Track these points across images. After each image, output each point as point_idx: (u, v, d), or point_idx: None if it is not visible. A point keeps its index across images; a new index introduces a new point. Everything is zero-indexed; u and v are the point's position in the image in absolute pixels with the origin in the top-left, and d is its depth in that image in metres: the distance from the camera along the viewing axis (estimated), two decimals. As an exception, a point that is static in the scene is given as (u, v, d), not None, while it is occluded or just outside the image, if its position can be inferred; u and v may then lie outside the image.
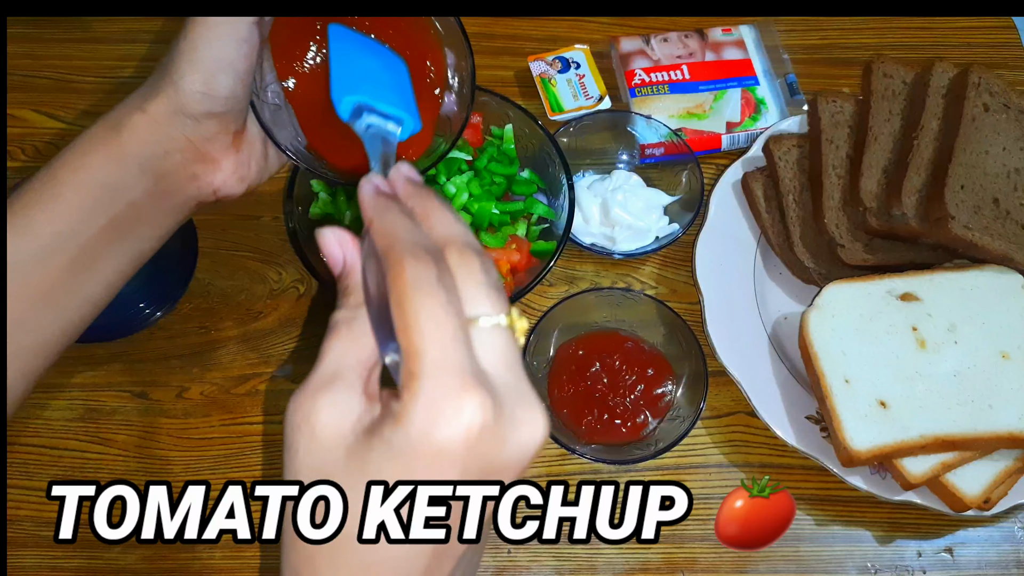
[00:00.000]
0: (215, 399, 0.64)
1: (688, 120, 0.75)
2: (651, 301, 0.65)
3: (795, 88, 0.75)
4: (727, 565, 0.60)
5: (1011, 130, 0.67)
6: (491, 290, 0.30)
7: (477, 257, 0.31)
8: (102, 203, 0.44)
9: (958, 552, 0.61)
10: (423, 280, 0.29)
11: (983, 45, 0.83)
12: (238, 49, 0.43)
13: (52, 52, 0.79)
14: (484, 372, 0.29)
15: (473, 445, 0.28)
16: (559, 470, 0.63)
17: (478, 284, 0.30)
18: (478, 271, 0.31)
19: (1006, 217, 0.64)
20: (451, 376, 0.28)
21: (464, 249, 0.31)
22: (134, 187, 0.44)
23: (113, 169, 0.44)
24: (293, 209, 0.61)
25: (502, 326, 0.30)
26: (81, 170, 0.43)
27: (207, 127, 0.45)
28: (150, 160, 0.44)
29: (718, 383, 0.65)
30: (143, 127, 0.44)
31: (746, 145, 0.75)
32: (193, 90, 0.43)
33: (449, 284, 0.29)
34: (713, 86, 0.76)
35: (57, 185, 0.43)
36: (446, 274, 0.30)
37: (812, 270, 0.67)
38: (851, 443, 0.57)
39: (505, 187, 0.67)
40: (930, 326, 0.61)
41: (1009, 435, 0.58)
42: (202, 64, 0.43)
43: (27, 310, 0.43)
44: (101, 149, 0.44)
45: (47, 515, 0.60)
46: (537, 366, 0.64)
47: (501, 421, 0.29)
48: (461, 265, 0.30)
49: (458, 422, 0.28)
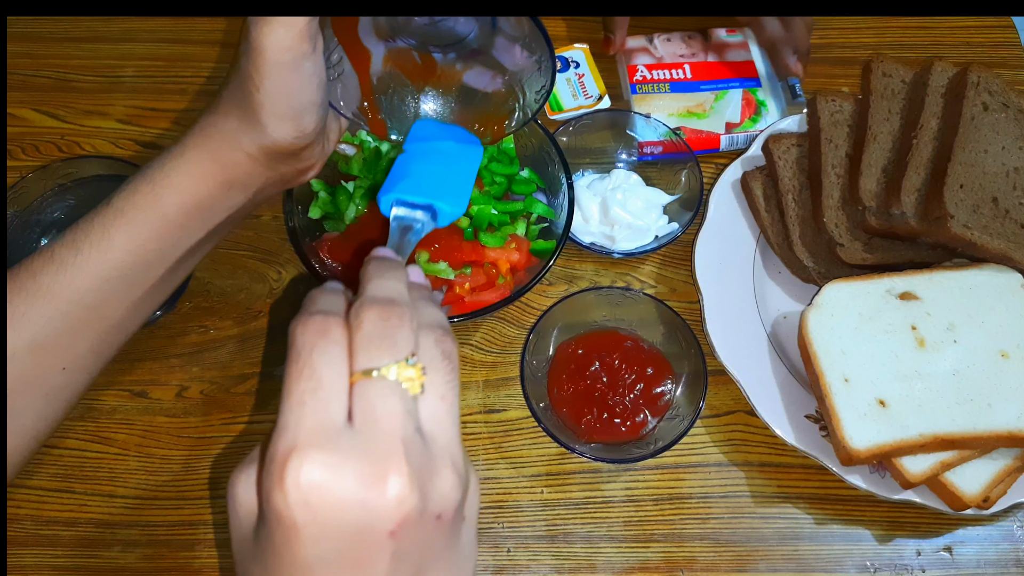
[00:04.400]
0: (215, 398, 0.65)
1: (688, 119, 0.75)
2: (650, 300, 0.65)
3: (797, 91, 0.75)
4: (726, 564, 0.60)
5: (1010, 129, 0.67)
6: (375, 339, 0.30)
7: (375, 307, 0.30)
8: (202, 221, 0.47)
9: (957, 551, 0.61)
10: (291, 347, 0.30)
11: (982, 44, 0.83)
12: (317, 89, 0.44)
13: (52, 51, 0.79)
14: (335, 430, 0.28)
15: (304, 506, 0.27)
16: (558, 469, 0.63)
17: (363, 336, 0.30)
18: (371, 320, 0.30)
19: (1005, 216, 0.64)
20: (288, 439, 0.28)
21: (364, 303, 0.31)
22: (233, 205, 0.48)
23: (217, 193, 0.47)
24: (293, 208, 0.61)
25: (384, 378, 0.29)
26: (187, 194, 0.46)
27: (304, 155, 0.47)
28: (252, 186, 0.48)
29: (717, 382, 0.65)
30: (245, 162, 0.46)
31: (745, 146, 0.75)
32: (287, 137, 0.45)
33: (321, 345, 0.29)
34: (714, 86, 0.76)
35: (163, 206, 0.46)
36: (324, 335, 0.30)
37: (811, 269, 0.67)
38: (850, 442, 0.57)
39: (506, 187, 0.67)
40: (929, 325, 0.61)
41: (1008, 434, 0.58)
42: (288, 113, 0.43)
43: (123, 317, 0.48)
44: (208, 178, 0.46)
45: (47, 514, 0.60)
46: (537, 365, 0.64)
47: (340, 478, 0.27)
48: (354, 319, 0.30)
49: (288, 482, 0.27)
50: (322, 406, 0.28)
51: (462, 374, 0.66)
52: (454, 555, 0.31)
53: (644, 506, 0.62)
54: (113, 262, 0.45)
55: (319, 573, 0.28)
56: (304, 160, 0.48)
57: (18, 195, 0.64)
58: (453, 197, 0.47)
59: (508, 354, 0.67)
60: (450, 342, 0.32)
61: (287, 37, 0.40)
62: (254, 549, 0.30)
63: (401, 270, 0.34)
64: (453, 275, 0.62)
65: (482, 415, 0.65)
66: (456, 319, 0.60)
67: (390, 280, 0.33)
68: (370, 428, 0.28)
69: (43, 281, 0.44)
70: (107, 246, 0.45)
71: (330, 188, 0.65)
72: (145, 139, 0.75)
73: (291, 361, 0.29)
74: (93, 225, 0.45)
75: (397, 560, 0.29)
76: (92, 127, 0.75)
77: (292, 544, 0.28)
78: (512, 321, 0.68)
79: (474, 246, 0.63)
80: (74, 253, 0.45)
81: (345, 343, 0.30)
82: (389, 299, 0.31)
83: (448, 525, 0.30)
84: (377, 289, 0.32)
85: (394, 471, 0.28)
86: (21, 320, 0.44)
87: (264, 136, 0.44)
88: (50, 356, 0.45)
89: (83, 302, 0.45)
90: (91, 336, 0.47)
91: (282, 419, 0.28)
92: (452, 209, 0.47)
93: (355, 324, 0.30)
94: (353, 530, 0.28)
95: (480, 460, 0.63)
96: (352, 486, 0.28)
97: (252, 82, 0.42)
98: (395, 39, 0.48)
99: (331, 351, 0.29)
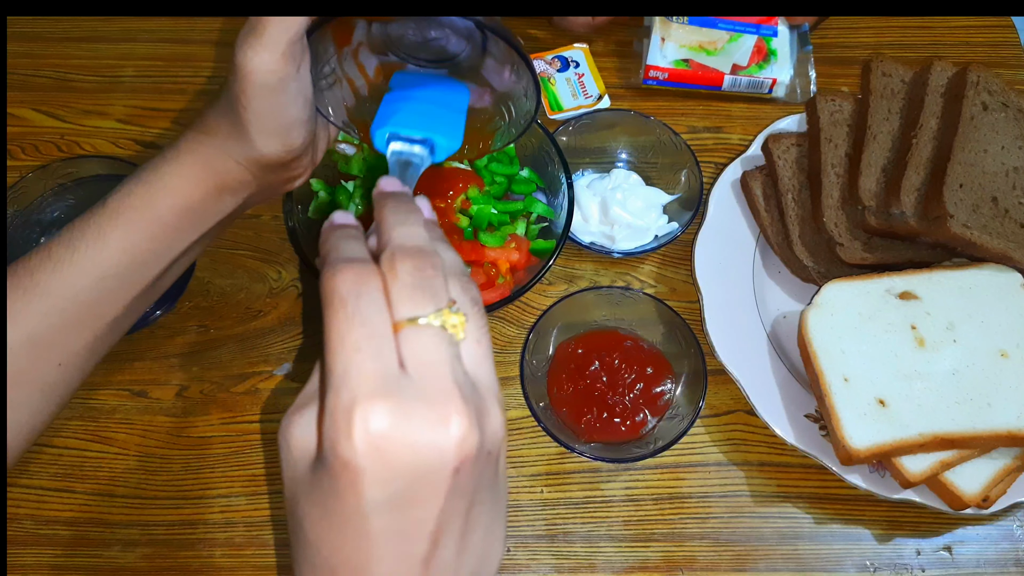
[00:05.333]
0: (215, 398, 0.65)
1: (697, 53, 0.76)
2: (650, 300, 0.65)
3: (806, 39, 0.76)
4: (726, 563, 0.60)
5: (1009, 129, 0.67)
6: (416, 290, 0.30)
7: (408, 258, 0.31)
8: (195, 224, 0.48)
9: (957, 550, 0.61)
10: (334, 294, 0.30)
11: (982, 44, 0.83)
12: (303, 107, 0.45)
13: (52, 51, 0.79)
14: (394, 377, 0.29)
15: (374, 453, 0.28)
16: (558, 468, 0.63)
17: (403, 286, 0.30)
18: (407, 271, 0.31)
19: (1005, 215, 0.64)
20: (350, 389, 0.28)
21: (396, 252, 0.31)
22: (226, 210, 0.49)
23: (210, 198, 0.48)
24: (293, 208, 0.62)
25: (431, 325, 0.30)
26: (181, 197, 0.47)
27: (294, 166, 0.49)
28: (243, 192, 0.49)
29: (717, 381, 0.65)
30: (236, 171, 0.47)
31: (746, 90, 0.76)
32: (275, 152, 0.46)
33: (365, 292, 0.30)
34: (731, 26, 0.77)
35: (157, 208, 0.46)
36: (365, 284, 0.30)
37: (811, 269, 0.67)
38: (850, 441, 0.57)
39: (506, 187, 0.67)
40: (929, 324, 0.61)
41: (1008, 433, 0.58)
42: (275, 130, 0.45)
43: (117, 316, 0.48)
44: (201, 182, 0.47)
45: (47, 514, 0.60)
46: (536, 364, 0.64)
47: (408, 423, 0.28)
48: (389, 269, 0.31)
49: (357, 433, 0.28)
50: (378, 352, 0.29)
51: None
52: (496, 488, 0.33)
53: (644, 505, 0.62)
54: (108, 261, 0.46)
55: (381, 512, 0.29)
56: (293, 170, 0.49)
57: (18, 195, 0.64)
58: (448, 130, 0.47)
59: (508, 353, 0.67)
60: (475, 288, 0.33)
61: (271, 60, 0.41)
62: (312, 492, 0.30)
63: (418, 212, 0.35)
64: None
65: (482, 415, 0.64)
66: (456, 319, 0.60)
67: (413, 226, 0.33)
68: (425, 373, 0.29)
69: (40, 278, 0.45)
70: (102, 245, 0.45)
71: (330, 188, 0.65)
72: (145, 139, 0.75)
73: (335, 309, 0.29)
74: (89, 224, 0.46)
75: (454, 495, 0.30)
76: (92, 127, 0.75)
77: (358, 487, 0.28)
78: (512, 320, 0.68)
79: (474, 246, 0.63)
80: (70, 251, 0.45)
81: (383, 291, 0.30)
82: (418, 248, 0.32)
83: (495, 461, 0.32)
84: (404, 237, 0.32)
85: (454, 412, 0.29)
86: (18, 316, 0.44)
87: (253, 150, 0.46)
88: (46, 351, 0.46)
89: (79, 299, 0.46)
90: (86, 333, 0.47)
91: (339, 367, 0.29)
92: (449, 142, 0.47)
93: (391, 274, 0.31)
94: (419, 471, 0.29)
95: (480, 460, 0.63)
96: (419, 430, 0.28)
97: (240, 103, 0.43)
98: (388, 54, 0.48)
99: (376, 298, 0.30)
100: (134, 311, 0.50)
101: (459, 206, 0.64)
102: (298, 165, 0.49)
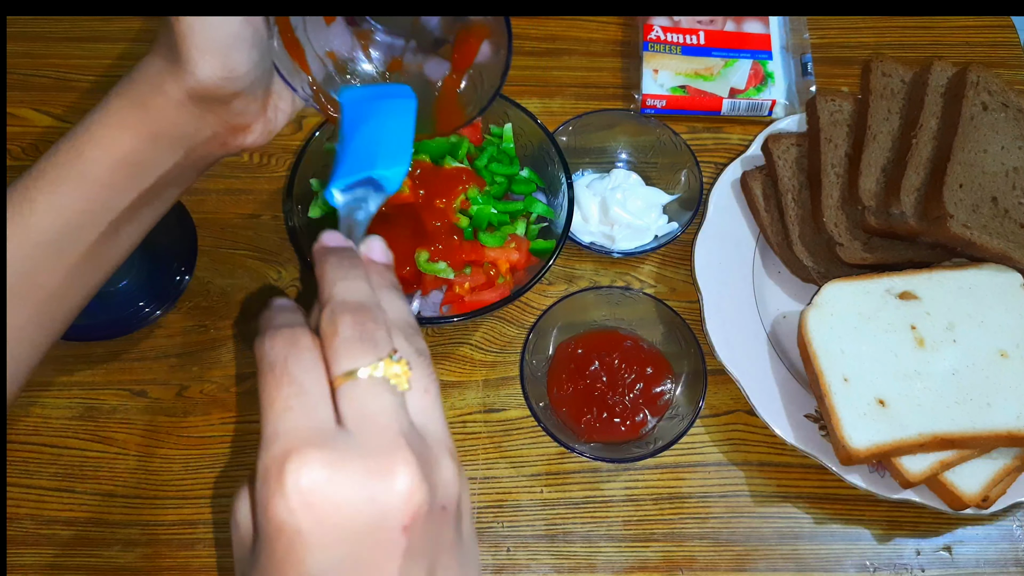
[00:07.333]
0: (215, 397, 0.65)
1: (694, 80, 0.76)
2: (650, 300, 0.65)
3: (808, 69, 0.76)
4: (726, 563, 0.60)
5: (1009, 129, 0.67)
6: (355, 342, 0.29)
7: (348, 312, 0.30)
8: (132, 179, 0.44)
9: (956, 550, 0.62)
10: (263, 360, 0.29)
11: (982, 44, 0.83)
12: (244, 23, 0.40)
13: (52, 51, 0.79)
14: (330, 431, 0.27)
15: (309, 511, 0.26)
16: (558, 468, 0.63)
17: (342, 340, 0.29)
18: (347, 325, 0.29)
19: (1004, 216, 0.64)
20: (280, 444, 0.27)
21: (336, 308, 0.30)
22: (164, 163, 0.44)
23: (144, 147, 0.43)
24: (293, 208, 0.62)
25: (371, 376, 0.28)
26: (111, 147, 0.43)
27: (236, 105, 0.44)
28: (181, 139, 0.44)
29: (717, 381, 0.65)
30: (171, 109, 0.42)
31: (746, 114, 0.76)
32: (213, 76, 0.41)
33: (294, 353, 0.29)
34: (725, 54, 0.77)
35: (84, 163, 0.42)
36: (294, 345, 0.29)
37: (811, 269, 0.67)
38: (850, 441, 0.58)
39: (506, 187, 0.67)
40: (929, 324, 0.61)
41: (1007, 433, 0.58)
42: (211, 46, 0.40)
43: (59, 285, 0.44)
44: (130, 128, 0.43)
45: (47, 513, 0.60)
46: (536, 365, 0.64)
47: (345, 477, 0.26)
48: (328, 326, 0.30)
49: (288, 487, 0.26)
50: (310, 409, 0.28)
51: (462, 374, 0.66)
52: (461, 549, 0.30)
53: (643, 505, 0.62)
54: (37, 227, 0.42)
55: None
56: (236, 113, 0.44)
57: (18, 195, 0.64)
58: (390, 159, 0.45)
59: (508, 353, 0.67)
60: (420, 339, 0.32)
61: None
62: (254, 569, 0.28)
63: (360, 265, 0.33)
64: (453, 275, 0.62)
65: (482, 415, 0.65)
66: (456, 319, 0.60)
67: (354, 280, 0.31)
68: (366, 426, 0.28)
69: None
70: (29, 210, 0.42)
71: (330, 188, 0.65)
72: (145, 139, 0.75)
73: (265, 373, 0.28)
74: (16, 190, 0.43)
75: (410, 557, 0.27)
76: (92, 127, 0.75)
77: (297, 553, 0.26)
78: (512, 320, 0.68)
79: (474, 246, 0.63)
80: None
81: (318, 350, 0.29)
82: (359, 303, 0.30)
83: (452, 517, 0.30)
84: (344, 292, 0.31)
85: (401, 463, 0.27)
86: None
87: (189, 75, 0.41)
88: None
89: (13, 270, 0.42)
90: (28, 306, 0.44)
91: (269, 428, 0.27)
92: (392, 172, 0.45)
93: (330, 331, 0.29)
94: (363, 530, 0.27)
95: (480, 459, 0.63)
96: (358, 483, 0.26)
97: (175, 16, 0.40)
98: (359, 24, 0.48)
99: (306, 357, 0.29)
100: (80, 281, 0.46)
101: (459, 206, 0.64)
102: (242, 108, 0.44)
